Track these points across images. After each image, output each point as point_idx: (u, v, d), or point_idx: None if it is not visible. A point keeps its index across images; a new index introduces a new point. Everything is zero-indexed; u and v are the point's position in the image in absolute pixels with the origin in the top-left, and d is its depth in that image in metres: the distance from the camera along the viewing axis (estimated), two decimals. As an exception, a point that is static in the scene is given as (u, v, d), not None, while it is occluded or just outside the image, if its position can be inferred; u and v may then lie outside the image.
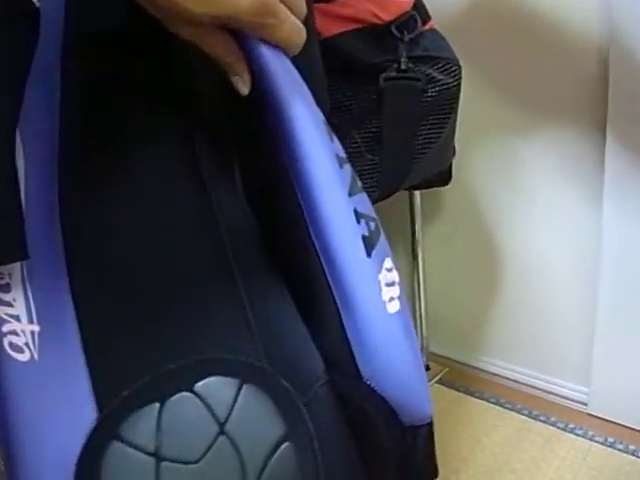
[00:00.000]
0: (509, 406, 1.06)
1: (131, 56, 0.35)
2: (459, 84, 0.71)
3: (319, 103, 0.36)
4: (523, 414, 1.03)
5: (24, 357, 0.30)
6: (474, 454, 0.93)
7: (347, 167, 0.35)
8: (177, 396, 0.31)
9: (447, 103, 0.70)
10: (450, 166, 0.93)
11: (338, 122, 0.71)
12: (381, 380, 0.34)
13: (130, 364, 0.31)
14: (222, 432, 0.30)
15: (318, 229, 0.34)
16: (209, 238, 0.36)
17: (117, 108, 0.35)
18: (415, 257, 1.15)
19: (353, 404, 0.34)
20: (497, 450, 0.93)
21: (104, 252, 0.34)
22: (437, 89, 0.67)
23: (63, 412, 0.30)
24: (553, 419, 1.01)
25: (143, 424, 0.30)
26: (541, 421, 1.01)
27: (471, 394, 1.11)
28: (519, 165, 0.99)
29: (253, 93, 0.35)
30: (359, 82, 0.67)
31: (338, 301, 0.34)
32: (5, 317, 0.30)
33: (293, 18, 0.33)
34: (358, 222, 0.34)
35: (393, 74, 0.65)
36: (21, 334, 0.30)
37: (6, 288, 0.30)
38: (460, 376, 1.18)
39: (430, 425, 0.36)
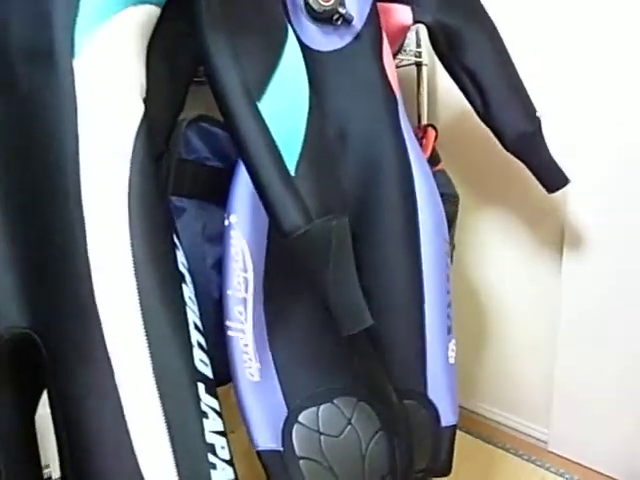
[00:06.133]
0: (487, 439, 1.40)
1: None
2: (457, 209, 1.09)
3: None
4: (498, 446, 1.38)
5: (253, 379, 0.65)
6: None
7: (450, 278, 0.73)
8: (325, 405, 0.66)
9: (448, 223, 1.07)
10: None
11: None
12: (436, 395, 0.71)
13: (303, 383, 0.66)
14: (349, 423, 0.65)
15: (432, 313, 0.71)
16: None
17: None
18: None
19: (415, 410, 0.71)
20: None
21: (289, 315, 0.69)
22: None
23: (270, 407, 0.65)
24: (520, 452, 1.36)
25: (311, 417, 0.65)
26: (511, 453, 1.35)
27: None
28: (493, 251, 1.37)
29: None
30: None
31: (428, 354, 0.71)
32: (245, 358, 0.65)
33: None
34: (448, 317, 0.71)
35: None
36: (253, 367, 0.65)
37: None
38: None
39: (454, 428, 0.73)
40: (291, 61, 0.59)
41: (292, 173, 0.54)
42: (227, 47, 0.53)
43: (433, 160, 1.11)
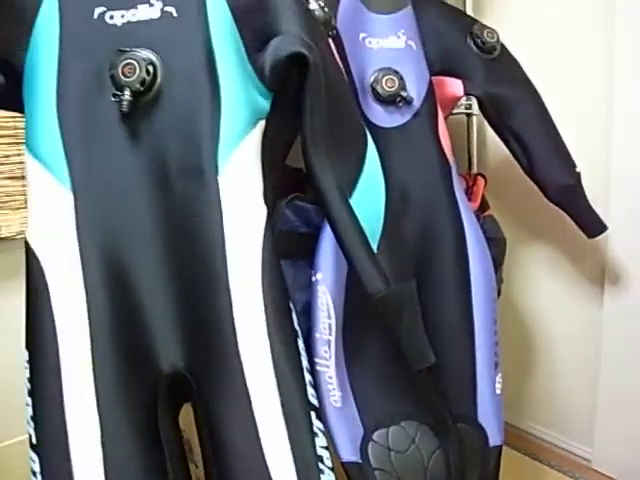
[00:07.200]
0: (534, 456, 1.53)
1: None
2: (504, 252, 1.22)
3: None
4: (544, 463, 1.50)
5: (336, 405, 0.83)
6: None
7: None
8: (394, 427, 0.83)
9: (495, 264, 1.20)
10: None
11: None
12: (485, 420, 0.86)
13: (375, 408, 0.83)
14: (413, 442, 0.82)
15: (482, 352, 0.87)
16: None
17: None
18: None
19: (467, 432, 0.86)
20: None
21: (363, 352, 0.86)
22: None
23: (350, 427, 0.83)
24: (565, 469, 1.47)
25: (382, 436, 0.82)
26: (556, 470, 1.47)
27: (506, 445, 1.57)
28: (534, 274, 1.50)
29: None
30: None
31: (478, 387, 0.87)
32: (330, 388, 0.83)
33: None
34: (495, 355, 0.87)
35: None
36: (336, 395, 0.83)
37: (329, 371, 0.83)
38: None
39: (500, 448, 0.87)
40: (372, 161, 0.77)
41: (375, 250, 0.71)
42: (326, 160, 0.71)
43: (482, 207, 1.25)
